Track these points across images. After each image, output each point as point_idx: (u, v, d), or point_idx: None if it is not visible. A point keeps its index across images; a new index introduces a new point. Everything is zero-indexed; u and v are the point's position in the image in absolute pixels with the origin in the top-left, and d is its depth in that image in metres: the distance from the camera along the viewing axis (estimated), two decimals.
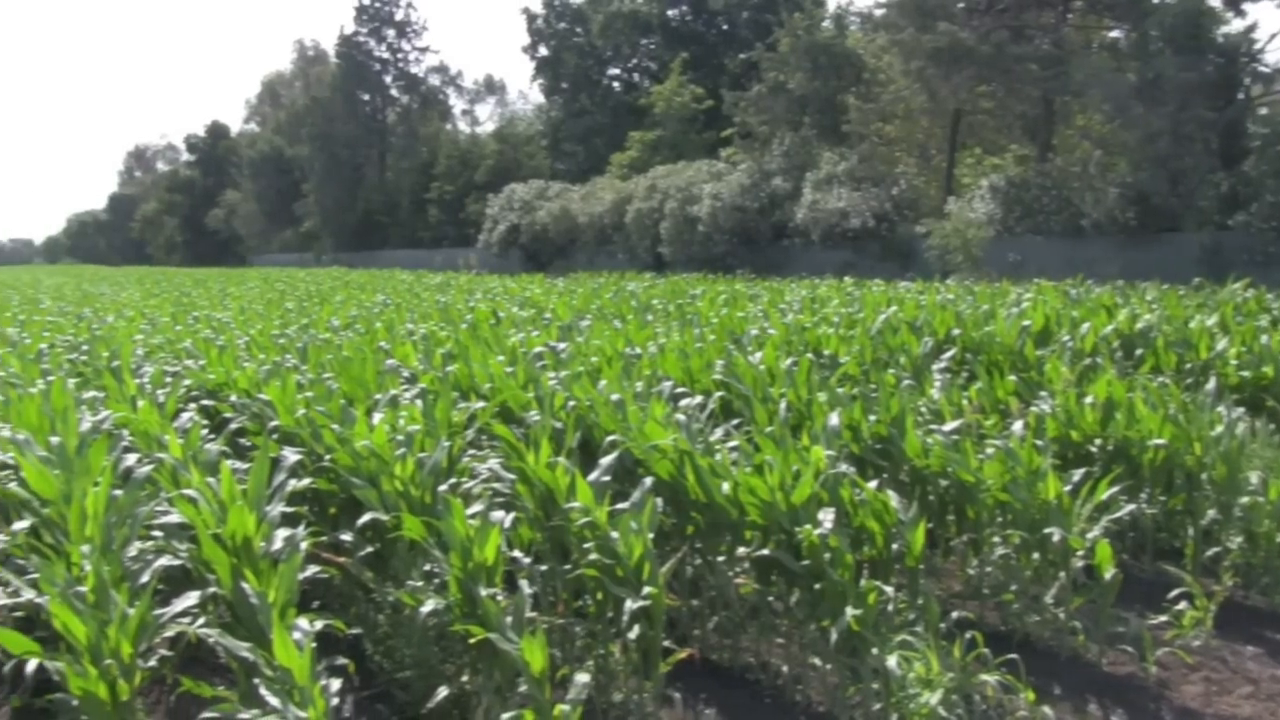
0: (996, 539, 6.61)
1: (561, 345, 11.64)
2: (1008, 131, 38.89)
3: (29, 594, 5.17)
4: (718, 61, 59.51)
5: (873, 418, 7.42)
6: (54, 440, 6.80)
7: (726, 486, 5.97)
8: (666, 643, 5.35)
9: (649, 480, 5.85)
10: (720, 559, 6.24)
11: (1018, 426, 7.21)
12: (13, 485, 6.76)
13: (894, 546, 5.78)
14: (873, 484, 5.97)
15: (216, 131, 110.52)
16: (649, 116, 55.81)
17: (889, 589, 5.38)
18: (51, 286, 47.85)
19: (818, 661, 5.70)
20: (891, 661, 4.99)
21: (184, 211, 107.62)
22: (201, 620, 5.24)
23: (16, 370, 11.57)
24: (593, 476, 5.94)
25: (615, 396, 7.55)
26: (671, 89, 54.46)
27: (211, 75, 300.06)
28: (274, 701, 4.06)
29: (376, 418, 7.15)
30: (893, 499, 5.81)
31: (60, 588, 4.56)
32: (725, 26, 62.51)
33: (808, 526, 5.40)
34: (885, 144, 41.62)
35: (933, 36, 33.62)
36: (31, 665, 4.76)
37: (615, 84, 67.82)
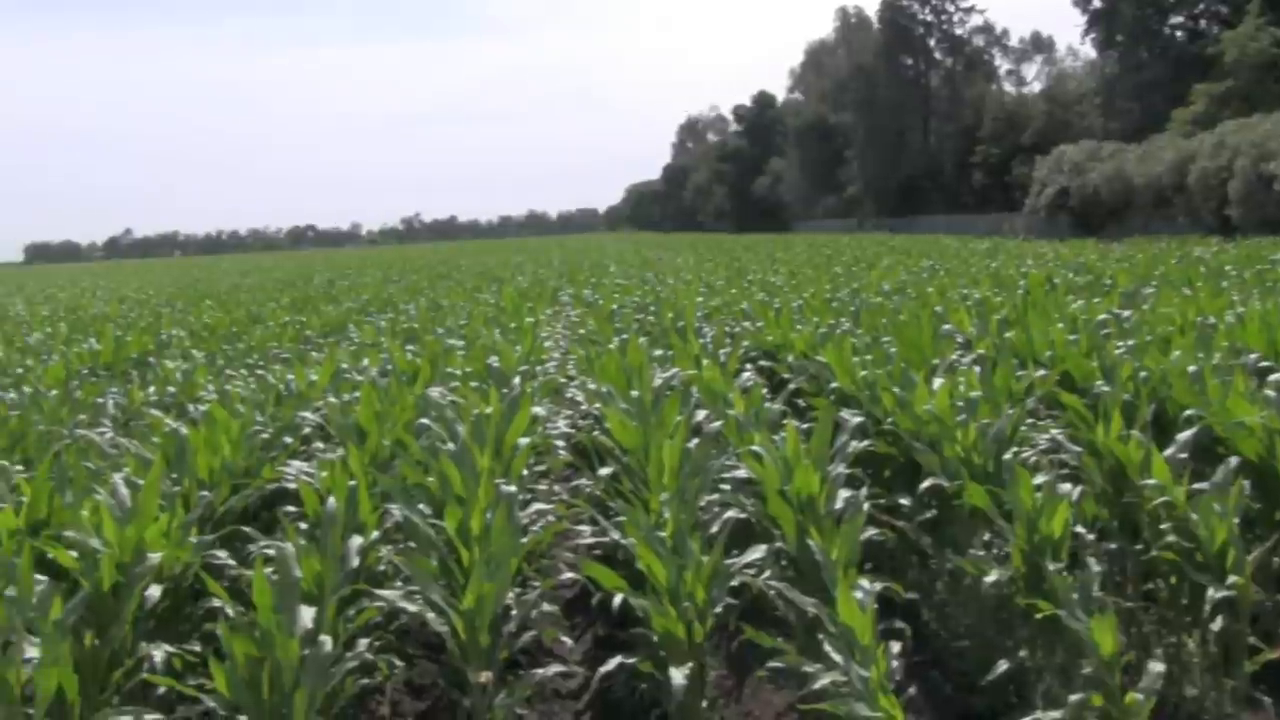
0: None
1: (1125, 313, 11.12)
2: None
3: (614, 534, 5.59)
4: None
5: None
6: (633, 394, 7.32)
7: None
8: (1250, 639, 4.93)
9: (1234, 460, 5.46)
10: None
11: None
12: (596, 434, 7.39)
13: None
14: None
15: (763, 101, 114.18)
16: (1216, 67, 51.40)
17: None
18: (614, 252, 51.84)
19: None
20: None
21: (731, 180, 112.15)
22: (767, 574, 5.41)
23: (595, 328, 12.68)
24: (1169, 452, 5.67)
25: (1191, 368, 7.08)
26: (1246, 34, 49.71)
27: (758, 47, 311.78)
28: (837, 658, 4.14)
29: (935, 383, 7.11)
30: None
31: (644, 531, 4.89)
32: None
33: None
34: None
35: None
36: (617, 600, 5.14)
37: (1178, 33, 62.92)
